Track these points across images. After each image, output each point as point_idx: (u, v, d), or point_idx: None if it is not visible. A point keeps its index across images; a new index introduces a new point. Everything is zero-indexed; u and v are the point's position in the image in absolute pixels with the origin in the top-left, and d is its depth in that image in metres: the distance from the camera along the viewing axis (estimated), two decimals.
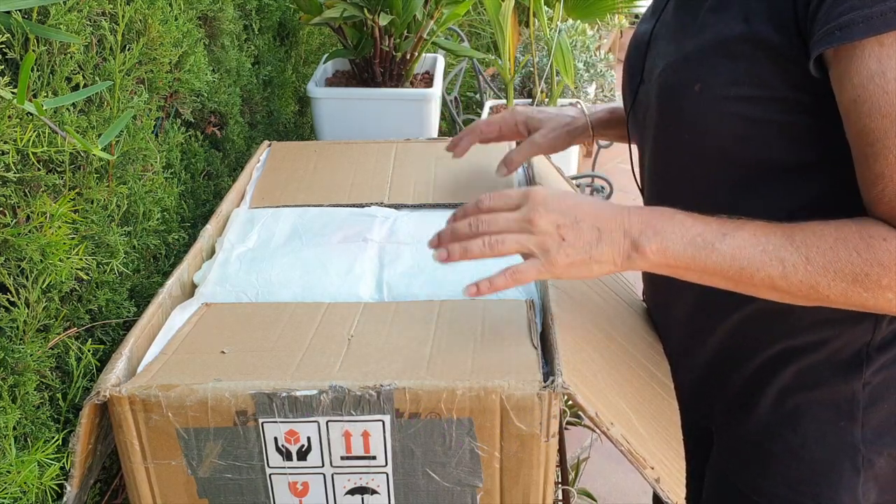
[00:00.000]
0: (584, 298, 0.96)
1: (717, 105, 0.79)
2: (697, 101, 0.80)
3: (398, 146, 1.34)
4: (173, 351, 0.83)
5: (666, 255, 0.74)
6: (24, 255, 0.78)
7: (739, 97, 0.77)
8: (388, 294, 0.95)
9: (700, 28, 0.81)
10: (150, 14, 1.05)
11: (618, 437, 0.72)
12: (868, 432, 0.85)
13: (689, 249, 0.74)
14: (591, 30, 3.23)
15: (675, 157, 0.87)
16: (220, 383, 0.74)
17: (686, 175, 0.87)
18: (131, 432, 0.76)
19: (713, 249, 0.73)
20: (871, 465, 0.85)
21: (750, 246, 0.72)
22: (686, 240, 0.74)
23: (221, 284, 0.97)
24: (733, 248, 0.73)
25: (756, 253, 0.72)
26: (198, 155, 1.29)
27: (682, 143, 0.85)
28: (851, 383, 0.84)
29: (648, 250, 0.74)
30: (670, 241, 0.74)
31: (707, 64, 0.79)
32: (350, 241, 1.06)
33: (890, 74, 0.66)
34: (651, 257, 0.74)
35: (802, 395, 0.86)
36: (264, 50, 1.61)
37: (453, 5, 1.64)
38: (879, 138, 0.68)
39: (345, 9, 1.50)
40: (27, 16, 0.80)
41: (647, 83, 0.90)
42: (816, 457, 0.86)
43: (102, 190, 0.94)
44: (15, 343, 0.79)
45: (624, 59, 1.01)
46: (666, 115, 0.86)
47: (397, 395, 0.73)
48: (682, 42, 0.84)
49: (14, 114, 0.75)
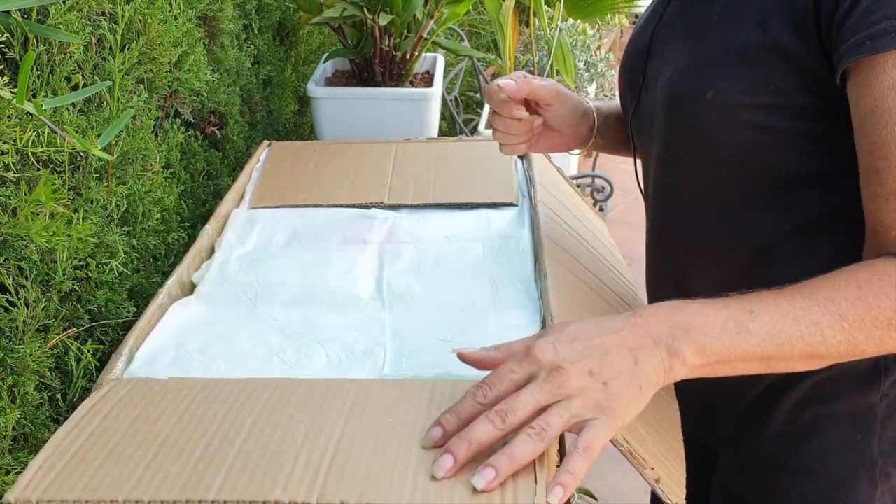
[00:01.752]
0: (584, 298, 0.96)
1: (731, 113, 0.76)
2: (710, 109, 0.77)
3: (398, 146, 1.34)
4: None
5: (705, 353, 0.65)
6: (24, 254, 0.78)
7: (754, 105, 0.75)
8: (388, 294, 0.95)
9: (711, 33, 0.79)
10: (149, 14, 1.04)
11: (618, 437, 0.72)
12: (885, 445, 0.83)
13: (725, 340, 0.65)
14: (592, 29, 3.23)
15: (684, 164, 0.85)
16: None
17: (695, 183, 0.85)
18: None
19: (749, 332, 0.65)
20: (889, 478, 0.84)
21: (781, 318, 0.66)
22: (717, 329, 0.65)
23: (220, 284, 0.97)
24: (767, 323, 0.65)
25: (789, 324, 0.65)
26: (197, 155, 1.29)
27: (692, 151, 0.82)
28: (869, 396, 0.82)
29: (689, 353, 0.65)
30: (704, 335, 0.65)
31: (721, 70, 0.77)
32: (350, 241, 1.06)
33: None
34: (691, 360, 0.65)
35: (819, 409, 0.84)
36: (264, 49, 1.61)
37: (453, 5, 1.64)
38: (894, 152, 0.66)
39: (345, 8, 1.49)
40: (27, 15, 0.80)
41: (652, 88, 0.88)
42: (833, 471, 0.84)
43: (102, 190, 0.94)
44: (14, 343, 0.79)
45: (622, 62, 0.98)
46: (675, 122, 0.83)
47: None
48: (691, 47, 0.81)
49: (13, 113, 0.75)
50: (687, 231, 0.89)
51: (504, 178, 1.22)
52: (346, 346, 0.86)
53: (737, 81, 0.75)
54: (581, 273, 1.02)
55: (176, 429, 0.70)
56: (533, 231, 1.07)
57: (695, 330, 0.65)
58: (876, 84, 0.66)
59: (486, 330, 0.87)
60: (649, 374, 0.64)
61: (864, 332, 0.66)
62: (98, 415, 0.72)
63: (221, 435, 0.69)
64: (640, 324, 0.66)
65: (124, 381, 0.77)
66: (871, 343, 0.66)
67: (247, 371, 0.82)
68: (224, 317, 0.92)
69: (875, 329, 0.66)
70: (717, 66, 0.77)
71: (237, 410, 0.72)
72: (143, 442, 0.68)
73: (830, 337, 0.66)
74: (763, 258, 0.82)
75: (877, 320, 0.66)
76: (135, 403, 0.73)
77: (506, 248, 1.03)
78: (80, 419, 0.71)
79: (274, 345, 0.86)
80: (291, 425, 0.70)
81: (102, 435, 0.69)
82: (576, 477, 0.61)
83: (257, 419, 0.71)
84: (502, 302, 0.92)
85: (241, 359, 0.84)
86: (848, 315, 0.66)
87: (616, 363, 0.63)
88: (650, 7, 0.95)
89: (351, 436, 0.68)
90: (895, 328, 0.66)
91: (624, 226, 3.57)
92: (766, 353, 0.66)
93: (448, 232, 1.09)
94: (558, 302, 0.88)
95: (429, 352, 0.84)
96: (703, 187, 0.84)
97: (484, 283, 0.96)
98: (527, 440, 0.61)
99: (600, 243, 1.21)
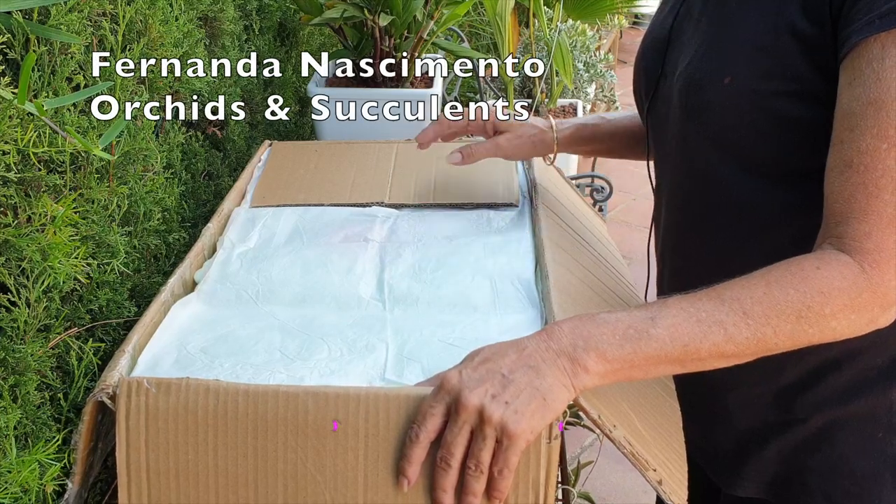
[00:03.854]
0: (585, 299, 0.96)
1: (747, 98, 0.76)
2: (726, 94, 0.77)
3: (399, 146, 1.34)
4: None
5: (607, 359, 0.67)
6: (25, 255, 0.78)
7: (770, 92, 0.75)
8: (389, 294, 0.95)
9: (729, 21, 0.79)
10: (150, 14, 1.05)
11: (620, 439, 0.72)
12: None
13: (627, 346, 0.67)
14: (591, 30, 3.23)
15: (697, 153, 0.85)
16: None
17: (706, 172, 0.84)
18: None
19: (650, 337, 0.67)
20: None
21: (683, 321, 0.68)
22: (618, 337, 0.68)
23: (222, 283, 0.97)
24: (668, 328, 0.67)
25: (691, 326, 0.67)
26: (198, 155, 1.29)
27: (705, 137, 0.82)
28: (888, 393, 0.82)
29: (590, 362, 0.67)
30: (604, 343, 0.67)
31: (737, 57, 0.77)
32: (351, 240, 1.06)
33: (889, 62, 0.65)
34: (595, 367, 0.67)
35: (838, 410, 0.84)
36: (265, 50, 1.61)
37: (453, 6, 1.64)
38: (858, 124, 0.66)
39: (345, 9, 1.50)
40: (28, 16, 0.80)
41: (670, 77, 0.88)
42: (856, 470, 0.84)
43: (103, 190, 0.94)
44: (16, 343, 0.79)
45: (638, 53, 0.98)
46: (691, 108, 0.83)
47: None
48: (709, 35, 0.82)
49: (15, 114, 0.75)
50: (698, 224, 0.89)
51: (505, 178, 1.22)
52: (348, 341, 0.86)
53: (754, 68, 0.75)
54: (581, 274, 1.02)
55: None
56: (533, 232, 1.07)
57: (595, 339, 0.67)
58: (857, 57, 0.66)
59: (487, 330, 0.88)
60: (552, 385, 0.66)
61: (771, 326, 0.67)
62: None
63: None
64: (544, 339, 0.68)
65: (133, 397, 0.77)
66: (783, 337, 0.67)
67: (250, 367, 0.82)
68: (225, 315, 0.92)
69: (784, 323, 0.67)
70: (734, 52, 0.78)
71: (263, 480, 0.73)
72: None
73: (736, 335, 0.67)
74: (770, 259, 0.82)
75: (784, 314, 0.67)
76: None
77: (506, 249, 1.03)
78: None
79: (276, 341, 0.87)
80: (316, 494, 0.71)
81: None
82: (498, 494, 0.67)
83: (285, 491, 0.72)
84: (503, 302, 0.93)
85: (243, 355, 0.84)
86: (753, 312, 0.67)
87: (517, 381, 0.66)
88: (669, 1, 0.96)
89: None
90: (806, 320, 0.67)
91: (624, 226, 3.57)
92: (671, 356, 0.68)
93: (449, 232, 1.09)
94: (559, 302, 0.88)
95: (430, 352, 0.84)
96: (713, 176, 0.84)
97: (484, 283, 0.96)
98: (474, 479, 0.67)
99: (600, 244, 1.21)
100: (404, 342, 0.86)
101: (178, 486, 0.73)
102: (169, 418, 0.73)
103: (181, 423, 0.73)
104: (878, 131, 0.65)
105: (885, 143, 0.65)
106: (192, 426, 0.73)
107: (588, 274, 1.04)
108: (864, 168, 0.66)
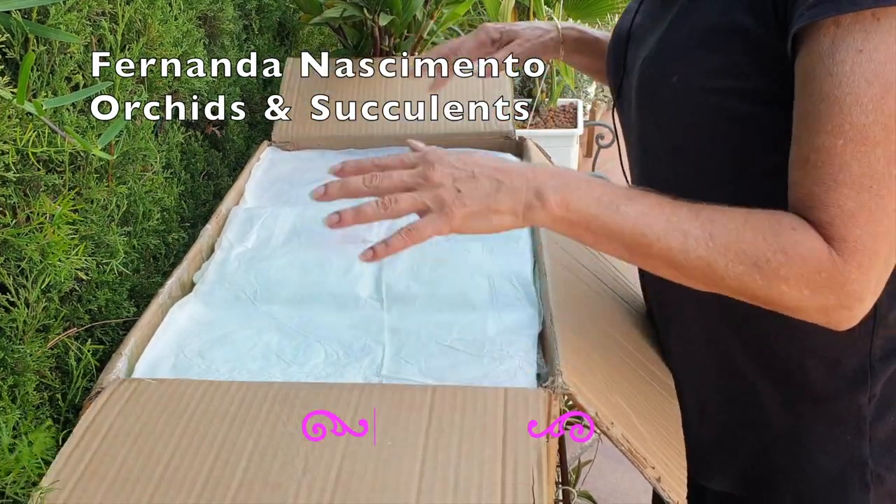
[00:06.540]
0: (583, 297, 0.96)
1: (695, 96, 0.77)
2: (675, 93, 0.78)
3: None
4: None
5: (569, 208, 0.71)
6: (24, 255, 0.78)
7: (717, 89, 0.75)
8: (387, 293, 0.95)
9: (678, 19, 0.80)
10: (149, 14, 1.05)
11: (618, 436, 0.72)
12: (875, 447, 0.83)
13: (593, 208, 0.71)
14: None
15: (653, 150, 0.86)
16: None
17: (662, 168, 0.85)
18: None
19: (617, 211, 0.70)
20: (882, 481, 0.84)
21: (654, 214, 0.70)
22: (592, 198, 0.71)
23: (220, 283, 0.97)
24: (637, 212, 0.70)
25: (660, 221, 0.69)
26: (198, 155, 1.29)
27: (658, 135, 0.84)
28: (857, 396, 0.82)
29: (552, 201, 0.71)
30: (575, 195, 0.71)
31: (685, 55, 0.78)
32: (349, 241, 1.06)
33: (838, 57, 0.64)
34: (554, 209, 0.71)
35: (808, 409, 0.84)
36: (264, 50, 1.61)
37: (453, 5, 1.65)
38: (813, 121, 0.66)
39: (345, 9, 1.50)
40: (27, 16, 0.80)
41: (630, 76, 0.89)
42: (823, 470, 0.85)
43: (102, 190, 0.94)
44: (15, 343, 0.79)
45: (606, 51, 1.00)
46: (644, 107, 0.85)
47: None
48: (661, 33, 0.82)
49: (14, 114, 0.75)
50: None
51: None
52: (345, 344, 0.86)
53: (700, 66, 0.76)
54: (580, 272, 1.02)
55: (176, 455, 0.70)
56: (532, 231, 1.07)
57: (570, 187, 0.71)
58: (808, 54, 0.67)
59: (486, 330, 0.88)
60: (503, 202, 0.71)
61: (726, 259, 0.68)
62: (97, 435, 0.73)
63: (223, 462, 0.69)
64: (528, 169, 0.73)
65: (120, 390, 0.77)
66: (732, 275, 0.68)
67: (246, 373, 0.82)
68: (223, 316, 0.92)
69: (738, 263, 0.68)
70: (682, 50, 0.78)
71: (237, 429, 0.72)
72: (144, 469, 0.69)
73: (692, 249, 0.68)
74: None
75: (743, 254, 0.67)
76: (135, 418, 0.74)
77: (505, 248, 1.03)
78: (79, 440, 0.72)
79: (273, 344, 0.87)
80: (291, 450, 0.70)
81: (102, 462, 0.70)
82: (389, 248, 0.73)
83: (257, 442, 0.71)
84: (501, 302, 0.93)
85: (240, 360, 0.84)
86: (718, 237, 0.68)
87: (479, 182, 0.72)
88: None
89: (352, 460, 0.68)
90: (759, 271, 0.67)
91: None
92: (625, 238, 0.70)
93: None
94: (558, 301, 0.88)
95: (427, 352, 0.84)
96: (668, 172, 0.84)
97: (482, 282, 0.96)
98: (375, 207, 0.72)
99: None
100: (401, 344, 0.86)
101: None
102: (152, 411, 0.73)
103: None
104: (833, 128, 0.65)
105: (841, 139, 0.64)
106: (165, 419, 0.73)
107: (587, 273, 1.04)
108: (822, 164, 0.66)
